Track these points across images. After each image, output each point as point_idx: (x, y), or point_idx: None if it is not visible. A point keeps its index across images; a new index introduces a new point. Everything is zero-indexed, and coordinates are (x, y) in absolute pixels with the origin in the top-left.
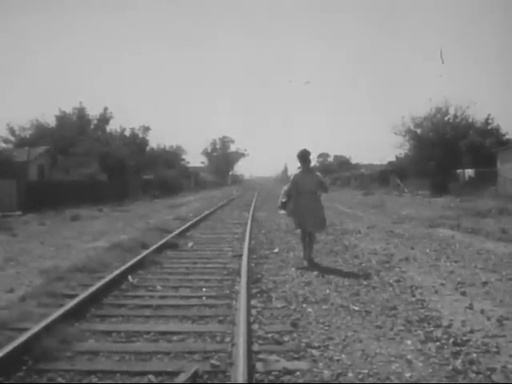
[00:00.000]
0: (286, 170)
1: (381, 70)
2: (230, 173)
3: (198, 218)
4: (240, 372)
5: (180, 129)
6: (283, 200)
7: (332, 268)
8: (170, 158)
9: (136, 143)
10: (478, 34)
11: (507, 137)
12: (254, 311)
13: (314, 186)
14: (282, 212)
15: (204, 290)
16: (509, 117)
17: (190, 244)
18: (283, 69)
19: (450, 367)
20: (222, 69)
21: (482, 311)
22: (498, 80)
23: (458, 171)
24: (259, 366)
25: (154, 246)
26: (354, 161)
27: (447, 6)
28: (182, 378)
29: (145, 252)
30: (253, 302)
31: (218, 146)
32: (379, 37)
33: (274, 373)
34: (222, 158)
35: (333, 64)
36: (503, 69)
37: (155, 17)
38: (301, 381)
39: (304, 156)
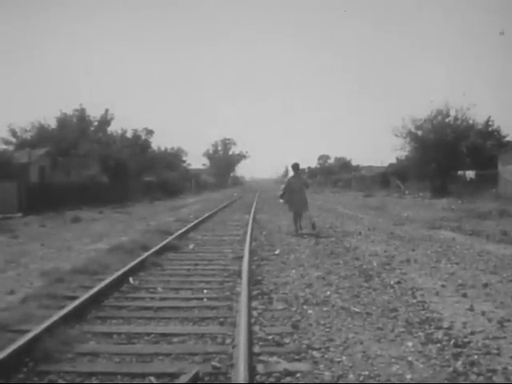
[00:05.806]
0: (286, 172)
1: (381, 71)
2: (231, 175)
3: (199, 219)
4: (241, 373)
5: (181, 131)
6: (281, 193)
7: (333, 270)
8: (172, 160)
9: (138, 145)
10: (478, 36)
11: (508, 139)
12: (254, 313)
13: (301, 186)
14: (281, 200)
15: (205, 291)
16: (509, 118)
17: (190, 246)
18: (284, 70)
19: (451, 369)
20: (223, 70)
21: (483, 313)
22: (499, 81)
23: (459, 173)
24: (260, 367)
25: (155, 248)
26: (354, 163)
27: (448, 8)
28: (183, 379)
29: (145, 254)
30: (254, 304)
31: (219, 148)
32: (380, 39)
33: (274, 374)
34: (224, 160)
35: (333, 66)
36: (503, 70)
37: (157, 19)
38: (301, 382)
39: (295, 167)
